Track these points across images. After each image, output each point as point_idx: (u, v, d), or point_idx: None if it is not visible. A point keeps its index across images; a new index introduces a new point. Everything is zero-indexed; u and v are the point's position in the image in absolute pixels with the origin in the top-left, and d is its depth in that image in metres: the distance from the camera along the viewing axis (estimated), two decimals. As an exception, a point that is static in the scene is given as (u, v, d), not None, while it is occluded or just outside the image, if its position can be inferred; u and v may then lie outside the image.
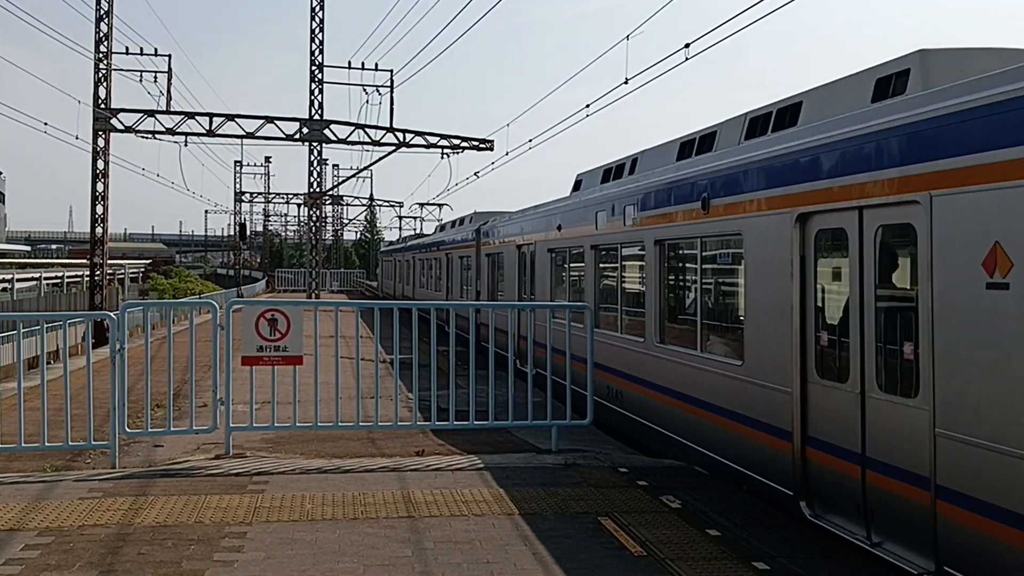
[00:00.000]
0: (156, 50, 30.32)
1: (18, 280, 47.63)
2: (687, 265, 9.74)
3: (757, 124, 8.62)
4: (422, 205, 57.22)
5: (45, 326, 8.69)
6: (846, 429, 6.35)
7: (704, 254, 9.04)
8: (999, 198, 4.96)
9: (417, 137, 31.95)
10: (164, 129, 29.59)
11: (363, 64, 36.47)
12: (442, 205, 55.89)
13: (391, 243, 56.68)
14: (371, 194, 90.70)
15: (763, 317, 7.50)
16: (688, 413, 8.96)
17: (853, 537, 6.23)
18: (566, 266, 13.97)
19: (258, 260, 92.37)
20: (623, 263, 11.42)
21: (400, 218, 60.82)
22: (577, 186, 14.99)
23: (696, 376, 8.81)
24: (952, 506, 5.28)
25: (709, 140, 9.66)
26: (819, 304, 6.91)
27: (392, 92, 33.79)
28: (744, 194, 7.93)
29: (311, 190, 40.51)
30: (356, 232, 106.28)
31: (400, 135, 31.94)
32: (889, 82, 6.72)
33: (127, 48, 29.89)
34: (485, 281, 20.86)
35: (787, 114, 8.10)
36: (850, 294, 6.39)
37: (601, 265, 12.36)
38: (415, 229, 58.78)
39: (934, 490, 5.42)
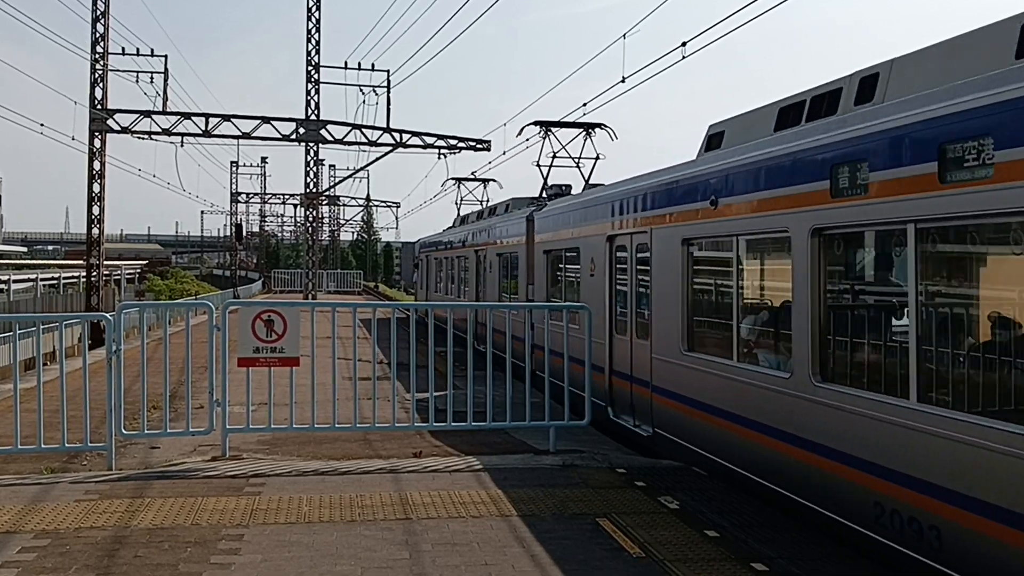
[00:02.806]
0: (152, 51, 30.42)
1: (14, 281, 47.46)
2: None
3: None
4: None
5: (41, 327, 8.66)
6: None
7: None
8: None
9: (414, 137, 31.97)
10: (160, 130, 29.61)
11: (360, 64, 36.61)
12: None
13: (466, 216, 28.15)
14: (368, 194, 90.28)
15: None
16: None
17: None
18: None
19: (254, 261, 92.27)
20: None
21: (457, 181, 32.53)
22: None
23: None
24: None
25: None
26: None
27: (388, 92, 33.85)
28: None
29: (307, 190, 40.45)
30: (353, 233, 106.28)
31: (397, 135, 31.96)
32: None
33: (123, 49, 29.94)
34: None
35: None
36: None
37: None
38: (481, 200, 31.92)
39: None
